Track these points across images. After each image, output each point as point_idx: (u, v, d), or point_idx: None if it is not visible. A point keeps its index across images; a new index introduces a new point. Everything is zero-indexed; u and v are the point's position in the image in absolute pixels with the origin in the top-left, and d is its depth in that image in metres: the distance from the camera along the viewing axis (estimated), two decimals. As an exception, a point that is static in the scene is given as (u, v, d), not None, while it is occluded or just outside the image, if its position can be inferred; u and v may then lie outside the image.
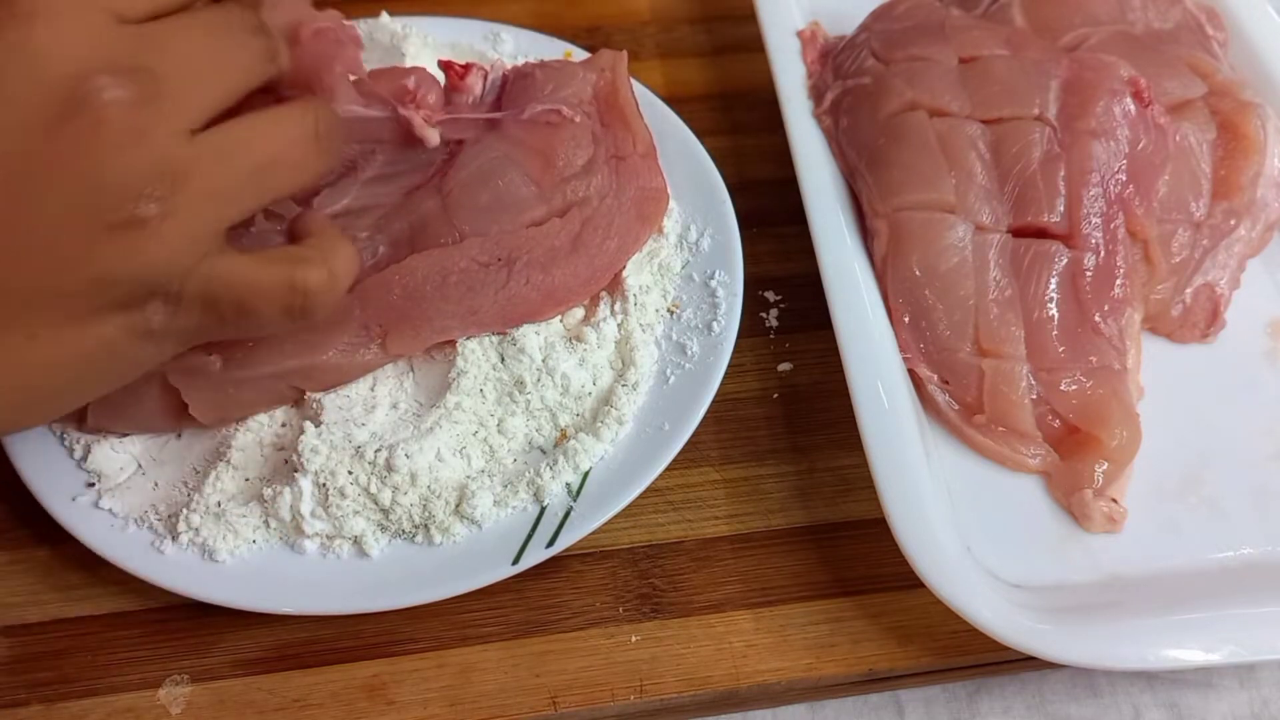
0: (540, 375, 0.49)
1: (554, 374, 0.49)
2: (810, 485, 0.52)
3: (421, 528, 0.46)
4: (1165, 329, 0.55)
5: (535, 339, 0.50)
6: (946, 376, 0.51)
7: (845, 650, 0.47)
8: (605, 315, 0.52)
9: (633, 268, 0.53)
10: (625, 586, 0.49)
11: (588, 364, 0.50)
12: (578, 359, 0.50)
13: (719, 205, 0.56)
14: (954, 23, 0.60)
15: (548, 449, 0.49)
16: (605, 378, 0.51)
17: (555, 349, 0.50)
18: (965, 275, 0.51)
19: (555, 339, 0.51)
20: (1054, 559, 0.47)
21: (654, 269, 0.54)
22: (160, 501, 0.47)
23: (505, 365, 0.49)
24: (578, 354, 0.50)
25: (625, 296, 0.52)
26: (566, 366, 0.49)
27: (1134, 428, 0.49)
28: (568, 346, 0.50)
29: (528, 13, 0.73)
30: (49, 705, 0.45)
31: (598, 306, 0.53)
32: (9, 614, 0.47)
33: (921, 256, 0.52)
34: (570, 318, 0.52)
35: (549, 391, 0.49)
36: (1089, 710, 0.49)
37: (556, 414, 0.49)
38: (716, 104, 0.68)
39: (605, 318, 0.52)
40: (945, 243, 0.52)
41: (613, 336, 0.51)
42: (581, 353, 0.50)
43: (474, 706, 0.45)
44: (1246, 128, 0.56)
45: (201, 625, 0.47)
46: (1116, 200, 0.53)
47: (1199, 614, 0.43)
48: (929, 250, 0.52)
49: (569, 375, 0.49)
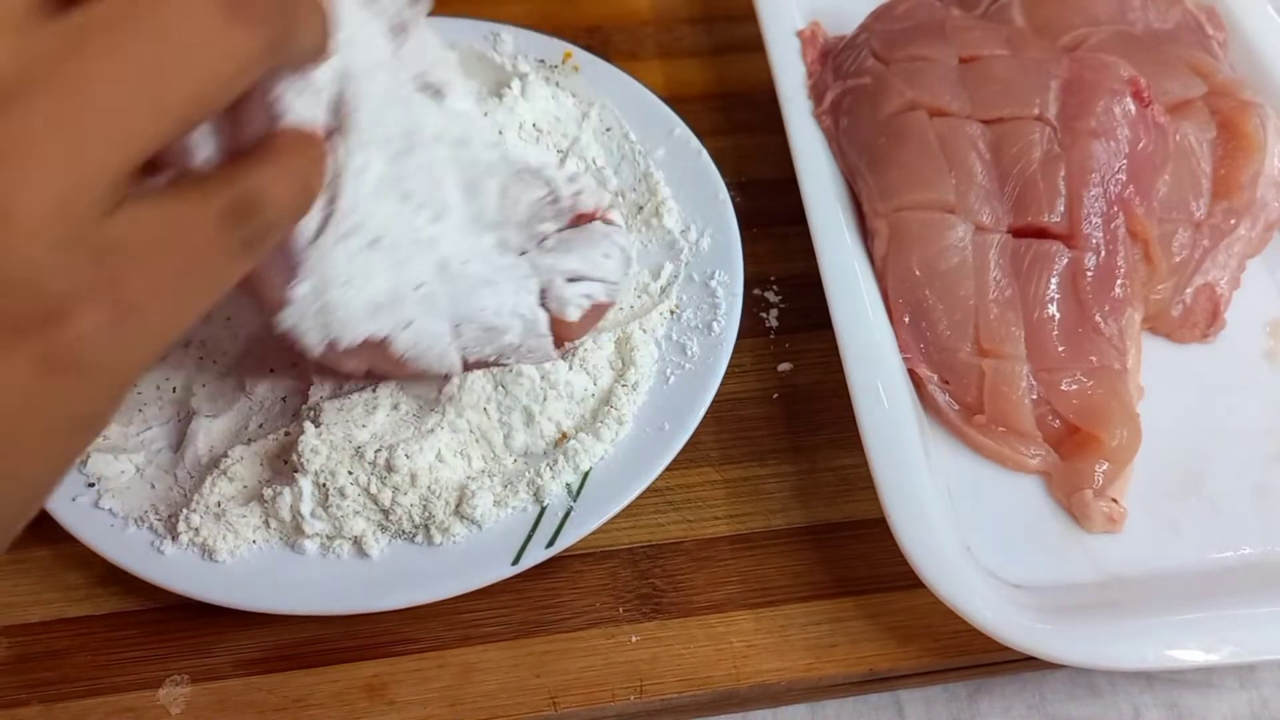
0: (545, 392, 0.49)
1: (556, 385, 0.49)
2: (810, 485, 0.52)
3: (421, 528, 0.46)
4: (1165, 329, 0.55)
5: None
6: (946, 376, 0.51)
7: (845, 650, 0.47)
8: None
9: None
10: (625, 586, 0.49)
11: (588, 365, 0.50)
12: (577, 361, 0.50)
13: (719, 205, 0.56)
14: (954, 23, 0.60)
15: (549, 450, 0.49)
16: (605, 378, 0.51)
17: (555, 364, 0.49)
18: (965, 275, 0.51)
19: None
20: (1054, 559, 0.47)
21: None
22: (160, 502, 0.47)
23: (505, 389, 0.49)
24: (577, 357, 0.50)
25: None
26: (568, 375, 0.49)
27: (1134, 428, 0.49)
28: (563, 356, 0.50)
29: (528, 13, 0.73)
30: (49, 705, 0.45)
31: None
32: (9, 614, 0.47)
33: (921, 256, 0.52)
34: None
35: (554, 404, 0.49)
36: (1089, 710, 0.49)
37: (561, 421, 0.49)
38: (716, 104, 0.68)
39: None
40: (945, 243, 0.52)
41: (611, 337, 0.51)
42: (582, 355, 0.50)
43: (474, 706, 0.45)
44: (1246, 127, 0.56)
45: (201, 625, 0.47)
46: (1117, 200, 0.53)
47: (1199, 614, 0.43)
48: (929, 250, 0.52)
49: (571, 382, 0.49)
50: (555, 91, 0.61)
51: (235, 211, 0.28)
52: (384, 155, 0.39)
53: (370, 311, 0.40)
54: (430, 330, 0.42)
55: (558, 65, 0.63)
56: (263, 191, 0.29)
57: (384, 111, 0.39)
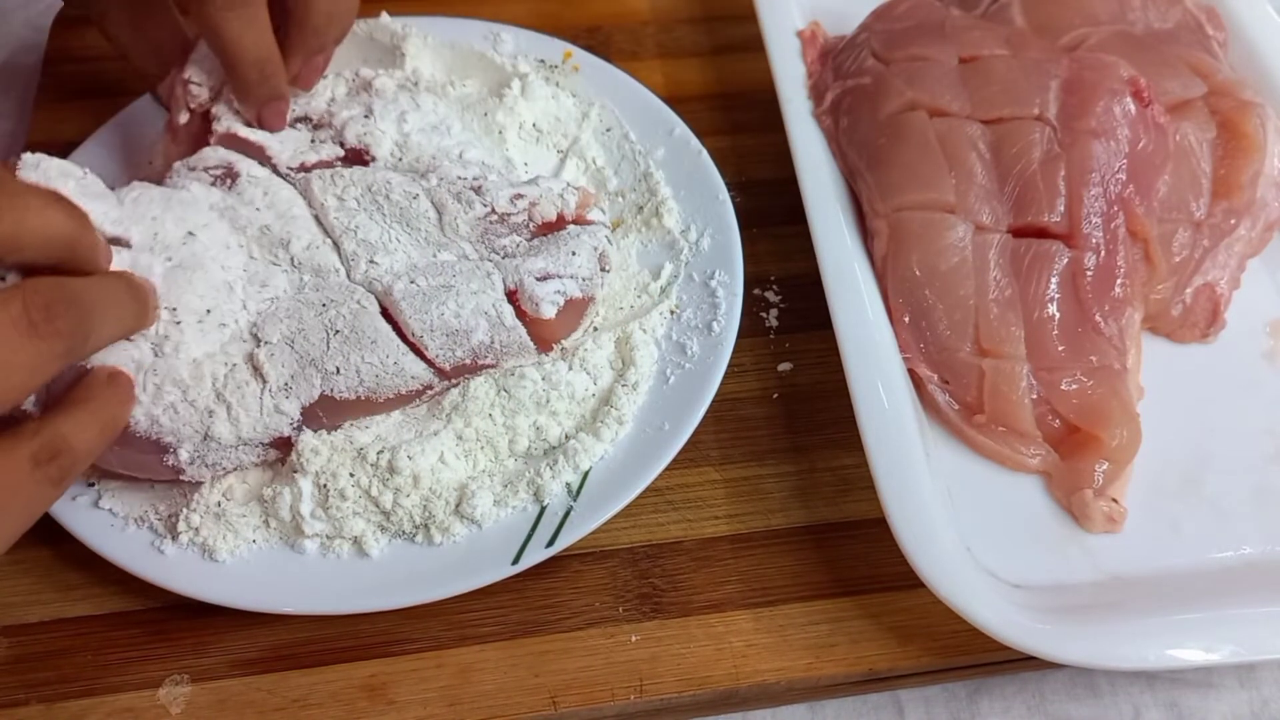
0: (547, 394, 0.49)
1: (557, 386, 0.49)
2: (810, 485, 0.52)
3: (422, 528, 0.46)
4: (1165, 329, 0.55)
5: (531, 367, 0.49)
6: (946, 376, 0.51)
7: (845, 650, 0.47)
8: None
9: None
10: (625, 586, 0.49)
11: (588, 365, 0.50)
12: (577, 362, 0.50)
13: (719, 205, 0.56)
14: (954, 23, 0.60)
15: (549, 450, 0.49)
16: (605, 378, 0.51)
17: (556, 364, 0.50)
18: (965, 275, 0.51)
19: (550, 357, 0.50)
20: (1054, 559, 0.47)
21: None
22: (160, 501, 0.47)
23: (508, 392, 0.49)
24: (576, 357, 0.50)
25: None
26: (569, 375, 0.49)
27: (1134, 428, 0.49)
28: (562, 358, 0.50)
29: (528, 13, 0.73)
30: (49, 705, 0.45)
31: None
32: (9, 614, 0.47)
33: (921, 256, 0.52)
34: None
35: (556, 404, 0.49)
36: (1089, 710, 0.49)
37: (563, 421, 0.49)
38: (716, 104, 0.68)
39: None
40: (945, 243, 0.52)
41: (612, 337, 0.51)
42: (582, 355, 0.50)
43: (473, 706, 0.45)
44: (1246, 127, 0.56)
45: (201, 625, 0.47)
46: (1117, 200, 0.53)
47: (1199, 614, 0.43)
48: (929, 250, 0.52)
49: (572, 383, 0.49)
50: (555, 91, 0.61)
51: (44, 453, 0.36)
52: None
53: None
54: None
55: (558, 65, 0.63)
56: (68, 437, 0.37)
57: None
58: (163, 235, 0.46)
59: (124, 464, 0.45)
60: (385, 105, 0.54)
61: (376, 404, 0.47)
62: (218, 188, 0.50)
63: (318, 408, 0.46)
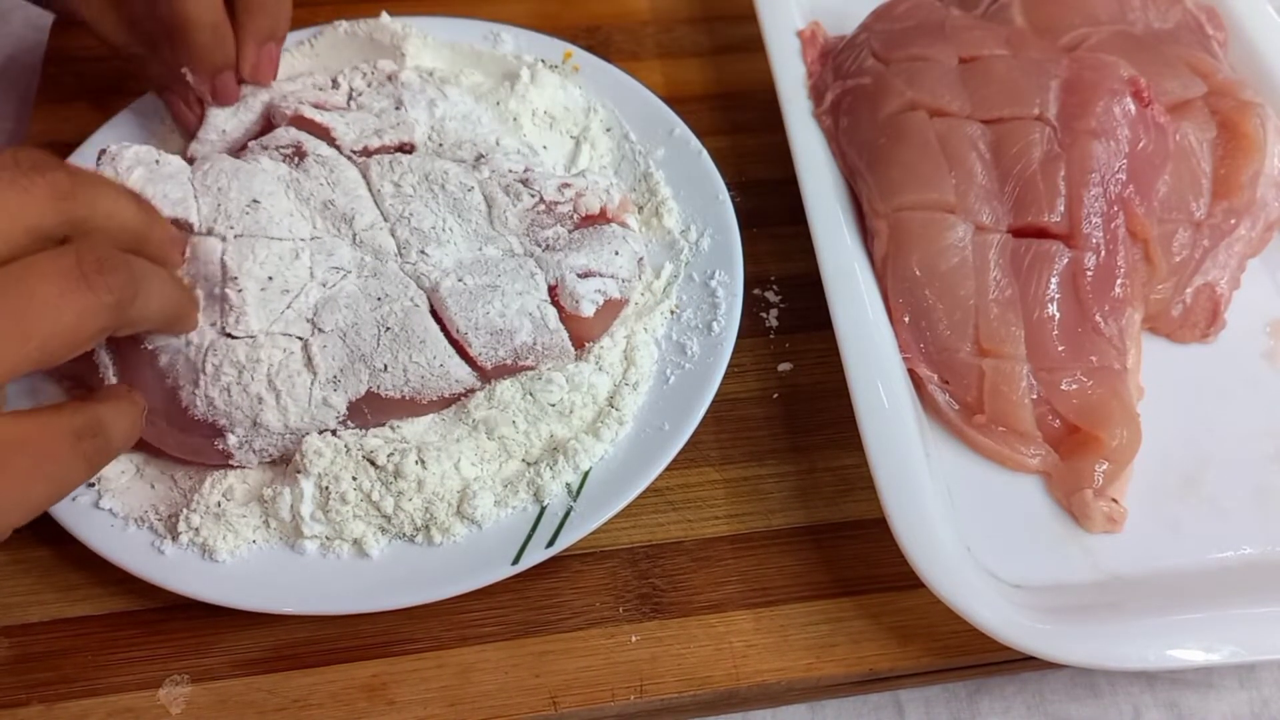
0: (573, 395, 0.49)
1: (580, 388, 0.49)
2: (810, 485, 0.52)
3: (422, 528, 0.46)
4: (1165, 329, 0.55)
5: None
6: (946, 376, 0.51)
7: (845, 650, 0.47)
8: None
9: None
10: (625, 586, 0.49)
11: (604, 363, 0.50)
12: (594, 365, 0.50)
13: (719, 205, 0.56)
14: (954, 23, 0.60)
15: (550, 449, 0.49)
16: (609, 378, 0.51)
17: (579, 365, 0.49)
18: (965, 275, 0.51)
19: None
20: (1054, 559, 0.47)
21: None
22: (160, 501, 0.47)
23: (533, 396, 0.48)
24: (593, 355, 0.50)
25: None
26: (592, 376, 0.49)
27: (1134, 428, 0.49)
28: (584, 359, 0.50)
29: (528, 13, 0.73)
30: (49, 705, 0.45)
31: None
32: (9, 614, 0.47)
33: (921, 256, 0.52)
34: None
35: (581, 409, 0.49)
36: (1089, 710, 0.49)
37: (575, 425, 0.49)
38: (716, 104, 0.68)
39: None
40: (945, 243, 0.52)
41: (625, 333, 0.51)
42: (597, 352, 0.50)
43: (474, 706, 0.45)
44: (1246, 127, 0.56)
45: (201, 625, 0.47)
46: (1117, 200, 0.53)
47: (1199, 614, 0.43)
48: (929, 250, 0.52)
49: (595, 384, 0.49)
50: (563, 82, 0.61)
51: (86, 430, 0.37)
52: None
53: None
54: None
55: (558, 65, 0.63)
56: (106, 423, 0.38)
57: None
58: (225, 206, 0.47)
59: (180, 448, 0.47)
60: (414, 95, 0.56)
61: (419, 405, 0.47)
62: (287, 164, 0.51)
63: (363, 404, 0.47)
